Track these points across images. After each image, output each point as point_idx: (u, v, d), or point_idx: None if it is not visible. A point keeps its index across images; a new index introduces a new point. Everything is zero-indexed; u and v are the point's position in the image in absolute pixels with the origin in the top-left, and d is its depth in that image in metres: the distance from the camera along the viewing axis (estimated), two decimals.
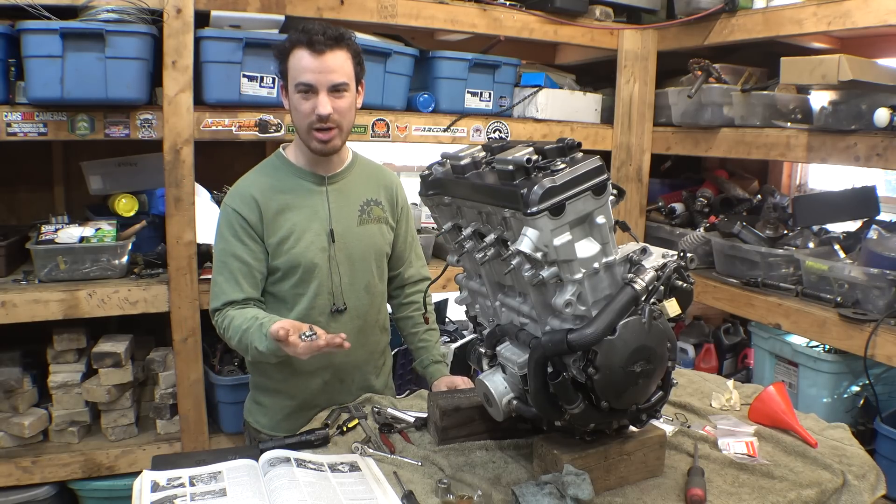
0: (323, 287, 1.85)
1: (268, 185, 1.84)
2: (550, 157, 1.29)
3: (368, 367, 1.98)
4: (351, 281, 1.89)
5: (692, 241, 3.02)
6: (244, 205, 1.81)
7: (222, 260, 1.81)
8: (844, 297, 2.39)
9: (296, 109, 1.79)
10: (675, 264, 1.40)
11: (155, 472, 1.44)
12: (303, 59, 1.73)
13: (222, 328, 1.79)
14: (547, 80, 3.04)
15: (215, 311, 1.82)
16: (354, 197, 1.92)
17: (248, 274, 1.81)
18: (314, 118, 1.76)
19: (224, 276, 1.81)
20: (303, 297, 1.84)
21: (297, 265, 1.82)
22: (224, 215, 1.84)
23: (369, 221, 1.93)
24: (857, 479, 1.51)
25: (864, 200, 2.70)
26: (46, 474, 2.40)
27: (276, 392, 1.92)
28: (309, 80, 1.73)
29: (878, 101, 2.24)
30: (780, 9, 2.55)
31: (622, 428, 1.49)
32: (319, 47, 1.71)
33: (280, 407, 1.92)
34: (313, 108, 1.75)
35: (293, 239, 1.81)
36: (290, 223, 1.82)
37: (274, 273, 1.85)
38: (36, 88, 2.16)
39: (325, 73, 1.73)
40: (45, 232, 2.37)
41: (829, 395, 2.52)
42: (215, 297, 1.82)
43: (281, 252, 1.82)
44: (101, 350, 2.44)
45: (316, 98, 1.75)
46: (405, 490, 1.42)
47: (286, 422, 1.91)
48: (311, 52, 1.72)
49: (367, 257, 1.92)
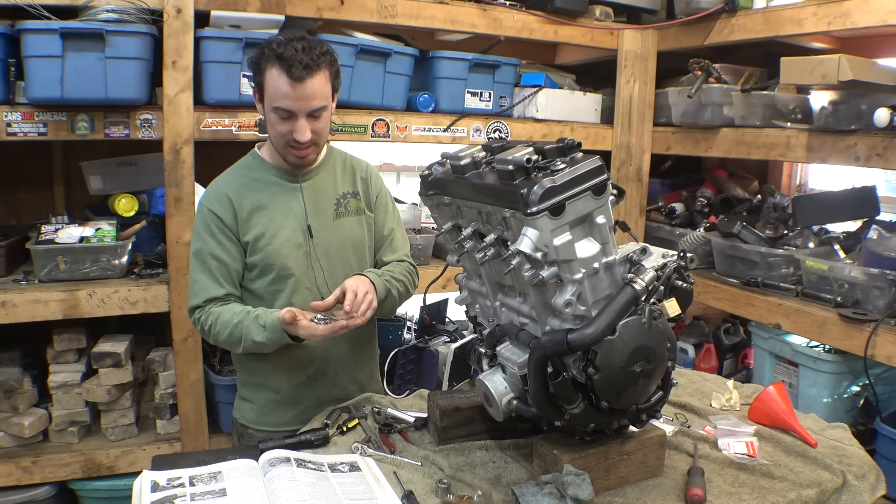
0: (300, 283, 1.85)
1: (242, 184, 1.84)
2: (550, 157, 1.29)
3: (352, 359, 1.98)
4: (331, 275, 1.88)
5: (692, 241, 3.02)
6: (219, 204, 1.81)
7: (200, 259, 1.81)
8: (844, 297, 2.39)
9: (272, 126, 1.76)
10: (675, 264, 1.40)
11: (155, 472, 1.44)
12: (281, 84, 1.67)
13: (205, 325, 1.78)
14: (547, 80, 3.04)
15: (196, 308, 1.81)
16: (330, 192, 1.92)
17: (226, 273, 1.81)
18: (291, 138, 1.74)
19: (204, 275, 1.80)
20: (280, 294, 1.84)
21: (272, 263, 1.82)
22: (200, 215, 1.84)
23: (346, 215, 1.93)
24: (857, 479, 1.51)
25: (864, 200, 2.70)
26: (46, 474, 2.40)
27: (261, 386, 1.92)
28: (288, 106, 1.70)
29: (878, 101, 2.24)
30: (780, 9, 2.55)
31: (622, 428, 1.49)
32: (298, 74, 1.66)
33: (266, 401, 1.92)
34: (291, 130, 1.73)
35: (267, 237, 1.82)
36: (264, 221, 1.82)
37: (250, 270, 1.85)
38: (36, 88, 2.16)
39: (304, 101, 1.70)
40: (45, 232, 2.37)
41: (829, 395, 2.52)
42: (195, 294, 1.81)
43: (256, 250, 1.82)
44: (101, 350, 2.44)
45: (294, 122, 1.72)
46: (405, 490, 1.42)
47: (272, 415, 1.91)
48: (290, 79, 1.66)
49: (344, 251, 1.92)
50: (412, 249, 2.96)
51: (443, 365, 2.73)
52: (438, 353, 2.75)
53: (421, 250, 2.94)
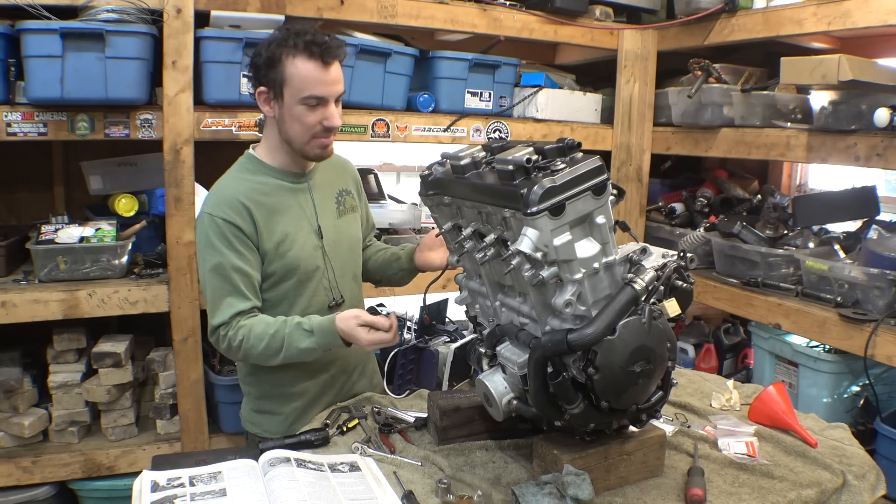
0: (320, 284, 1.84)
1: (251, 190, 1.76)
2: (550, 157, 1.30)
3: (366, 354, 2.01)
4: (342, 273, 1.89)
5: (692, 241, 3.02)
6: (235, 213, 1.71)
7: (221, 274, 1.70)
8: (844, 297, 2.39)
9: (298, 120, 1.71)
10: (675, 264, 1.40)
11: (155, 472, 1.44)
12: (312, 71, 1.65)
13: (234, 340, 1.69)
14: (547, 80, 3.04)
15: (221, 325, 1.71)
16: (330, 190, 1.91)
17: (250, 284, 1.73)
18: (320, 128, 1.71)
19: (226, 290, 1.70)
20: (301, 298, 1.82)
21: (296, 267, 1.79)
22: (212, 226, 1.71)
23: (346, 212, 1.93)
24: (857, 479, 1.51)
25: (864, 200, 2.70)
26: (46, 474, 2.40)
27: (288, 396, 1.87)
28: (321, 92, 1.67)
29: (878, 101, 2.24)
30: (780, 9, 2.55)
31: (622, 428, 1.49)
32: (328, 59, 1.66)
33: (291, 410, 1.88)
34: (320, 118, 1.70)
35: (289, 241, 1.77)
36: (283, 226, 1.77)
37: (269, 277, 1.78)
38: (36, 88, 2.16)
39: (334, 85, 1.69)
40: (45, 232, 2.37)
41: (829, 395, 2.52)
42: (220, 311, 1.70)
43: (277, 256, 1.76)
44: (101, 350, 2.44)
45: (324, 109, 1.70)
46: (405, 490, 1.42)
47: (298, 423, 1.86)
48: (321, 64, 1.65)
49: (353, 248, 1.94)
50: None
51: (443, 365, 2.73)
52: (438, 353, 2.75)
53: None
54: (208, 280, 1.72)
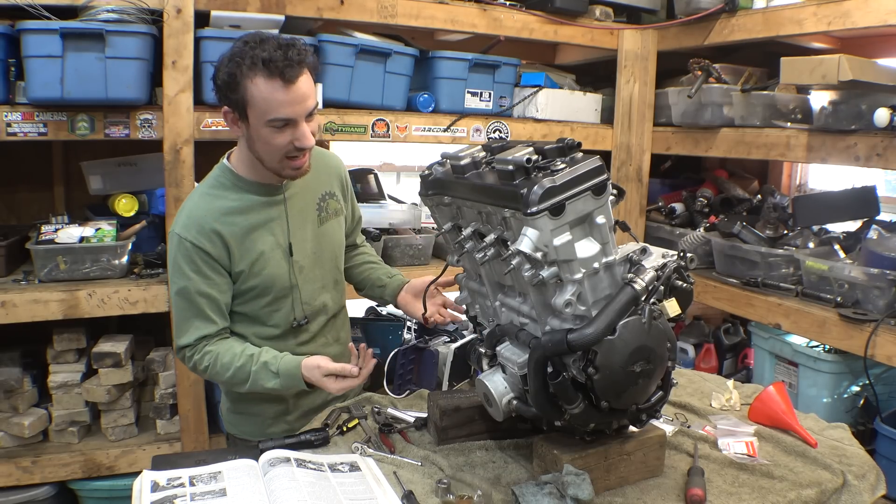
0: (296, 300, 1.80)
1: (224, 209, 1.68)
2: (550, 157, 1.29)
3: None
4: (322, 284, 1.85)
5: (692, 241, 3.02)
6: (205, 239, 1.64)
7: (186, 298, 1.66)
8: (844, 297, 2.39)
9: (266, 143, 1.60)
10: (675, 264, 1.40)
11: (155, 472, 1.44)
12: (273, 92, 1.52)
13: (199, 364, 1.68)
14: (547, 80, 3.04)
15: (185, 347, 1.69)
16: (310, 197, 1.82)
17: (216, 308, 1.69)
18: (291, 147, 1.61)
19: (192, 313, 1.67)
20: (277, 313, 1.78)
21: (271, 285, 1.74)
22: (181, 249, 1.65)
23: (328, 218, 1.86)
24: (857, 479, 1.51)
25: (864, 200, 2.70)
26: (46, 474, 2.40)
27: (264, 400, 1.85)
28: (286, 114, 1.55)
29: (878, 101, 2.24)
30: (780, 9, 2.55)
31: (622, 428, 1.49)
32: (290, 75, 1.52)
33: (270, 412, 1.86)
34: (290, 139, 1.60)
35: (262, 261, 1.72)
36: (259, 244, 1.71)
37: (245, 294, 1.73)
38: (36, 88, 2.16)
39: (301, 103, 1.56)
40: (45, 232, 2.38)
41: (829, 395, 2.52)
42: (185, 334, 1.68)
43: (252, 275, 1.71)
44: (101, 350, 2.44)
45: (293, 129, 1.59)
46: (405, 490, 1.42)
47: (275, 426, 1.86)
48: (283, 83, 1.52)
49: (335, 255, 1.89)
50: (412, 249, 2.97)
51: (443, 365, 2.73)
52: (438, 353, 2.75)
53: (421, 250, 2.94)
54: (174, 301, 1.70)
